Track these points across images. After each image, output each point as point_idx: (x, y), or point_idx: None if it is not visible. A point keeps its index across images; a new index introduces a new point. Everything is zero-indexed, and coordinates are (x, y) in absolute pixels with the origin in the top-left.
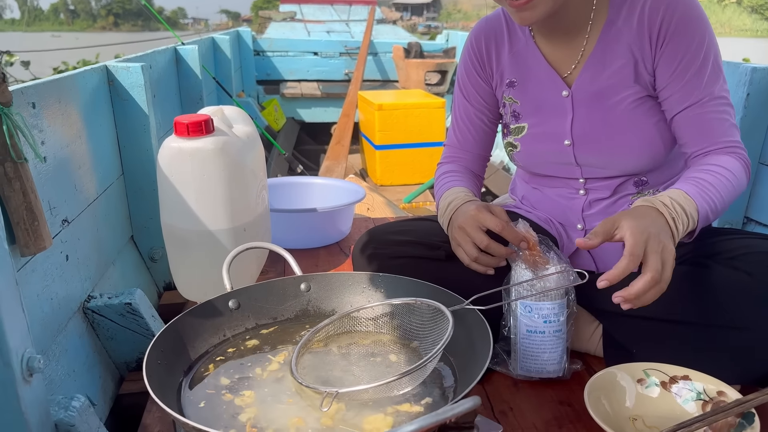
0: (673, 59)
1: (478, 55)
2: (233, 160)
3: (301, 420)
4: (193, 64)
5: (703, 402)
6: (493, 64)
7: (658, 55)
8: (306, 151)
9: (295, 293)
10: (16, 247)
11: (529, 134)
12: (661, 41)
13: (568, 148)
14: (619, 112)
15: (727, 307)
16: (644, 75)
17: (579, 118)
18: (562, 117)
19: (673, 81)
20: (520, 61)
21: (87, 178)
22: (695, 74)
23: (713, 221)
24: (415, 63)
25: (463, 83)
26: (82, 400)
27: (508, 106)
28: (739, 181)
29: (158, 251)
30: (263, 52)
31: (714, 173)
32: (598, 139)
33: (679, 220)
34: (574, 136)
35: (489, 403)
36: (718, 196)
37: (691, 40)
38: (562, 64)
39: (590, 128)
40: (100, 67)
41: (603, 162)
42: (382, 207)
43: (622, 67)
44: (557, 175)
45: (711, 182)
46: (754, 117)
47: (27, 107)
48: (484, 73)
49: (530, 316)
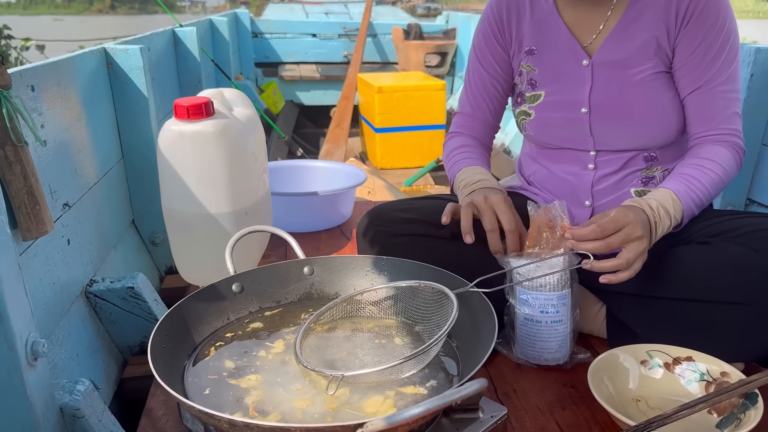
0: (695, 39)
1: (498, 22)
2: (234, 142)
3: (306, 402)
4: (192, 46)
5: (707, 383)
6: (513, 32)
7: (682, 32)
8: (305, 135)
9: (298, 277)
10: (17, 232)
11: (546, 102)
12: (687, 19)
13: (584, 116)
14: (637, 84)
15: (734, 284)
16: (665, 50)
17: (597, 86)
18: (580, 85)
19: (689, 61)
20: (541, 29)
21: (87, 161)
22: (712, 58)
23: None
24: (414, 44)
25: (479, 50)
26: (86, 384)
27: (524, 74)
28: (728, 172)
29: (159, 235)
30: (261, 34)
31: (702, 168)
32: (614, 108)
33: (661, 224)
34: (592, 104)
35: (493, 385)
36: (705, 191)
37: (715, 23)
38: (584, 33)
39: (608, 97)
40: (99, 49)
41: (617, 132)
42: (382, 191)
43: (645, 41)
44: (568, 147)
45: (699, 179)
46: (757, 97)
47: (26, 90)
48: (503, 40)
49: (528, 304)
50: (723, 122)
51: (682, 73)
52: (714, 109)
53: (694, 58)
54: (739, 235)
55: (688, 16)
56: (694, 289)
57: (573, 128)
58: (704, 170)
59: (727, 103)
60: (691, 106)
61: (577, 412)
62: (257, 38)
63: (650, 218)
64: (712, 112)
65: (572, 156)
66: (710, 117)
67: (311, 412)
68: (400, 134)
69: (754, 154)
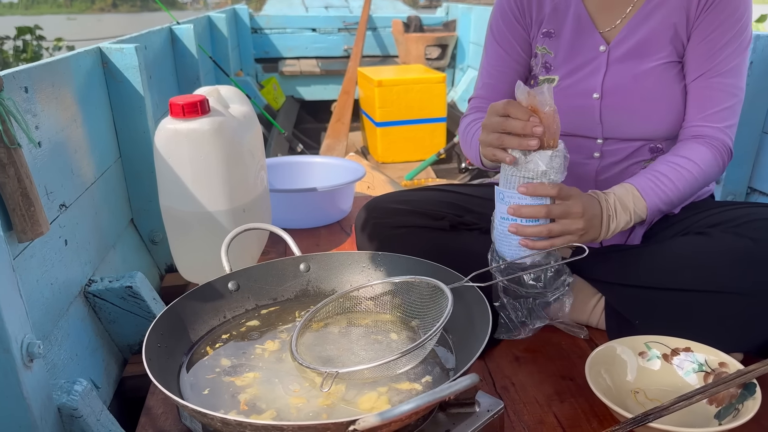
0: (710, 25)
1: (518, 3)
2: (230, 140)
3: (301, 400)
4: (189, 43)
5: (705, 373)
6: (533, 12)
7: (700, 18)
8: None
9: (294, 274)
10: (13, 234)
11: (559, 86)
12: (708, 6)
13: (595, 101)
14: (650, 72)
15: (732, 274)
16: (680, 38)
17: (612, 73)
18: (595, 71)
19: (700, 47)
20: (561, 12)
21: (84, 161)
22: (722, 46)
23: (674, 209)
24: (414, 37)
25: (497, 30)
26: (84, 384)
27: (540, 56)
28: (705, 171)
29: (159, 233)
30: (261, 30)
31: (674, 166)
32: (626, 95)
33: (615, 219)
34: (604, 90)
35: (491, 378)
36: (674, 188)
37: (733, 13)
38: (604, 20)
39: (621, 84)
40: (94, 49)
41: (626, 120)
42: (383, 185)
43: (665, 28)
44: (576, 133)
45: (668, 176)
46: (756, 86)
47: (20, 91)
48: (523, 20)
49: (504, 202)
50: (714, 115)
51: (689, 57)
52: (708, 100)
53: (706, 44)
54: (737, 225)
55: (709, 3)
56: (693, 279)
57: (583, 114)
58: (678, 168)
59: (724, 96)
60: (691, 94)
61: (575, 405)
62: (257, 34)
63: (603, 211)
64: (705, 102)
65: (579, 143)
66: (702, 107)
67: (306, 409)
68: (400, 128)
69: (755, 142)
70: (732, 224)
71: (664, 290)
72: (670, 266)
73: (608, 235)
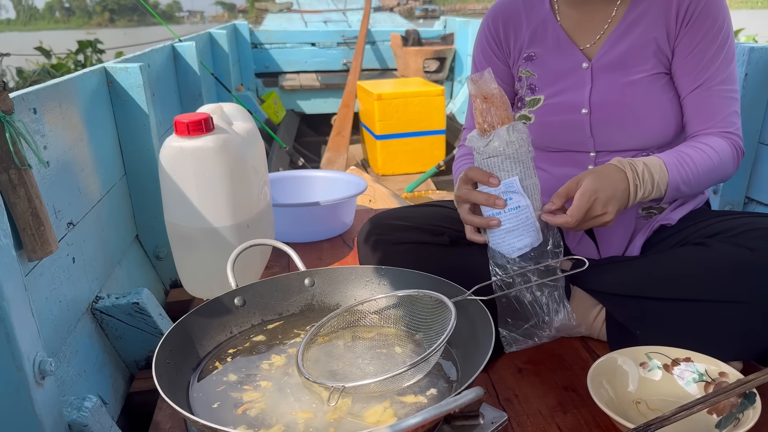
0: (694, 39)
1: (494, 36)
2: (234, 157)
3: (309, 414)
4: (191, 60)
5: (705, 383)
6: (510, 43)
7: (682, 33)
8: (307, 143)
9: (299, 288)
10: (23, 253)
11: (546, 105)
12: (687, 20)
13: (584, 117)
14: (637, 84)
15: (730, 283)
16: (664, 51)
17: (598, 87)
18: (580, 87)
19: (688, 61)
20: (539, 35)
21: (90, 180)
22: (711, 57)
23: (688, 194)
24: (413, 51)
25: (480, 65)
26: (94, 400)
27: (524, 79)
28: (724, 162)
29: (163, 249)
30: (261, 45)
31: (699, 150)
32: (614, 109)
33: (642, 188)
34: (592, 105)
35: (494, 390)
36: (695, 170)
37: (714, 23)
38: (584, 36)
39: (608, 98)
40: (99, 68)
41: (617, 132)
42: (384, 198)
43: (645, 42)
44: (568, 149)
45: (692, 157)
46: (752, 97)
47: (28, 113)
48: (501, 53)
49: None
50: (722, 121)
51: (681, 72)
52: (714, 108)
53: (694, 57)
54: (734, 235)
55: (688, 17)
56: (692, 289)
57: (573, 130)
58: (701, 152)
59: (726, 102)
60: (691, 105)
61: (578, 416)
62: (257, 49)
63: (630, 181)
64: (712, 110)
65: (572, 158)
66: (710, 115)
67: (314, 423)
68: (400, 140)
69: (752, 152)
70: (730, 234)
71: (664, 300)
72: (670, 277)
73: (635, 202)
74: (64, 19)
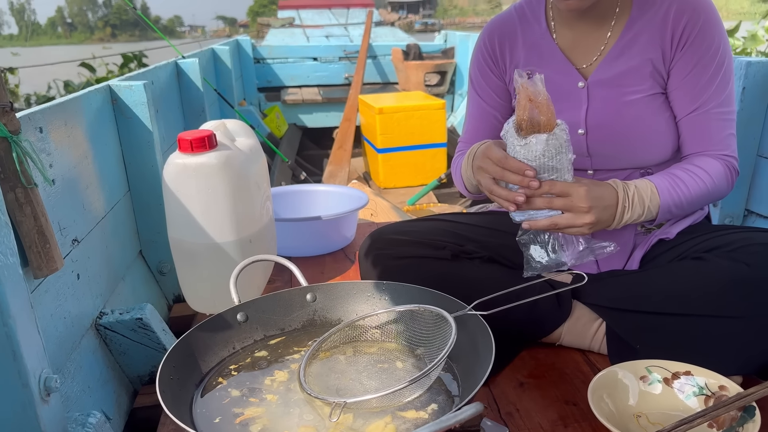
0: (690, 62)
1: (491, 53)
2: (237, 173)
3: (311, 429)
4: (194, 77)
5: (705, 397)
6: (506, 60)
7: (677, 55)
8: (309, 157)
9: (301, 304)
10: (29, 270)
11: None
12: (683, 43)
13: (581, 137)
14: (633, 104)
15: (728, 298)
16: (660, 72)
17: (594, 108)
18: (576, 107)
19: (684, 84)
20: (534, 53)
21: (95, 196)
22: (707, 80)
23: (681, 216)
24: (414, 65)
25: (476, 81)
26: (98, 416)
27: None
28: (717, 185)
29: (167, 265)
30: (263, 60)
31: (692, 173)
32: (611, 129)
33: (629, 210)
34: (588, 125)
35: (495, 404)
36: (687, 193)
37: (710, 46)
38: (580, 56)
39: (604, 118)
40: (104, 86)
41: (614, 152)
42: (386, 211)
43: (641, 63)
44: None
45: (685, 181)
46: (750, 111)
47: (35, 132)
48: (497, 69)
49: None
50: (719, 143)
51: (677, 95)
52: (710, 131)
53: (690, 80)
54: (732, 249)
55: (684, 40)
56: (690, 304)
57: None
58: (693, 176)
59: (723, 125)
60: (687, 128)
61: (579, 430)
62: (259, 64)
63: (619, 201)
64: (708, 133)
65: None
66: (706, 139)
67: None
68: (402, 154)
69: (751, 165)
70: (727, 249)
71: (663, 315)
72: (668, 291)
73: (619, 225)
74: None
